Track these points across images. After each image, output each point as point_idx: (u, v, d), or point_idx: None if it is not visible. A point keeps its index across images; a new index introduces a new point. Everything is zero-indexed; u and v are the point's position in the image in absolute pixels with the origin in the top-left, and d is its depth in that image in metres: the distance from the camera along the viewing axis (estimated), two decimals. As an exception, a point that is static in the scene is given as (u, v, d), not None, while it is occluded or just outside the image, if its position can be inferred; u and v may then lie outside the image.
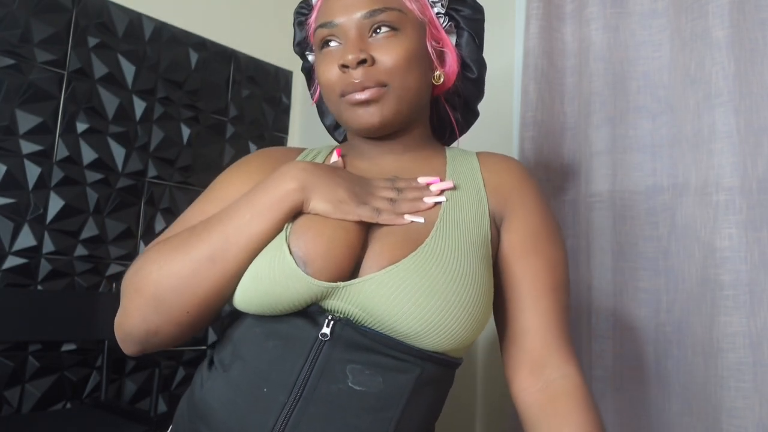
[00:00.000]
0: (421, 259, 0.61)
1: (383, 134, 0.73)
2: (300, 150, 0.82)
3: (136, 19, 2.05)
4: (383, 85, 0.68)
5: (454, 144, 0.88)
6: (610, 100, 1.39)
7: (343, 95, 0.70)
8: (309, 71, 0.87)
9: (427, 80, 0.74)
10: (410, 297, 0.58)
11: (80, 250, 1.86)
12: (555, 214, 0.80)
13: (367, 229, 0.65)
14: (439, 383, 0.65)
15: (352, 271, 0.63)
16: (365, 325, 0.61)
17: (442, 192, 0.69)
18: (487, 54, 0.85)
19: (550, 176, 1.52)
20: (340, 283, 0.60)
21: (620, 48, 1.40)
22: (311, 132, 2.46)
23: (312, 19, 0.77)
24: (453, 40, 0.78)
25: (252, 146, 2.37)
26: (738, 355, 1.12)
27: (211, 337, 2.18)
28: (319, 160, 0.78)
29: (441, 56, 0.76)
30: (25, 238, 1.76)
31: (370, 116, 0.69)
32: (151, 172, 2.05)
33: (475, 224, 0.68)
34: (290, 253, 0.61)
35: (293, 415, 0.58)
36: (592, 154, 1.41)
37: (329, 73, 0.70)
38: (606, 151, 1.39)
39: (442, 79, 0.76)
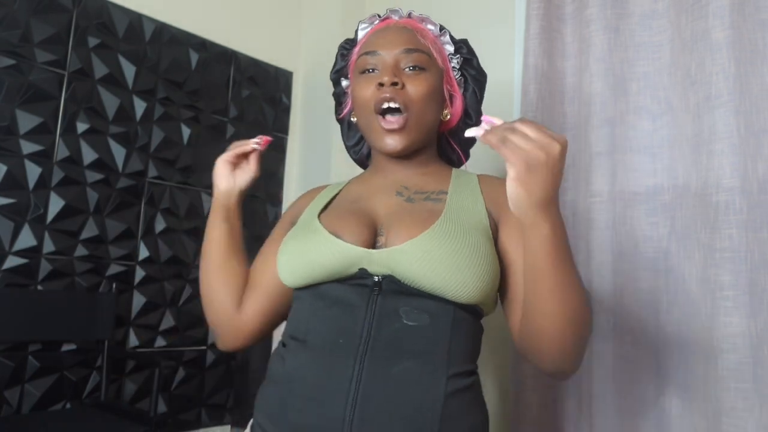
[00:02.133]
0: (436, 233, 0.76)
1: (403, 155, 0.90)
2: (323, 187, 1.04)
3: (136, 19, 2.05)
4: (406, 109, 0.85)
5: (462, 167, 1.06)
6: (611, 100, 1.40)
7: (375, 111, 0.86)
8: (339, 96, 1.05)
9: (438, 115, 0.92)
10: (428, 262, 0.74)
11: (80, 250, 1.86)
12: None
13: (373, 215, 0.84)
14: (472, 324, 0.80)
15: (373, 244, 0.80)
16: (402, 281, 0.76)
17: None
18: (487, 54, 0.93)
19: (550, 177, 1.52)
20: (373, 251, 0.77)
21: (620, 49, 1.41)
22: (311, 132, 2.46)
23: (355, 51, 0.96)
24: (461, 90, 0.96)
25: (252, 146, 2.37)
26: (738, 356, 1.12)
27: (211, 337, 2.18)
28: (333, 192, 0.97)
29: (451, 100, 0.95)
30: (26, 238, 1.76)
31: (396, 143, 0.87)
32: (152, 172, 2.05)
33: (475, 214, 0.83)
34: (323, 228, 0.81)
35: (367, 354, 0.73)
36: (592, 154, 1.41)
37: (366, 91, 0.87)
38: (606, 152, 1.39)
39: (448, 118, 0.95)
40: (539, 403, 1.42)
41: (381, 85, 0.85)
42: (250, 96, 2.38)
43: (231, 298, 0.94)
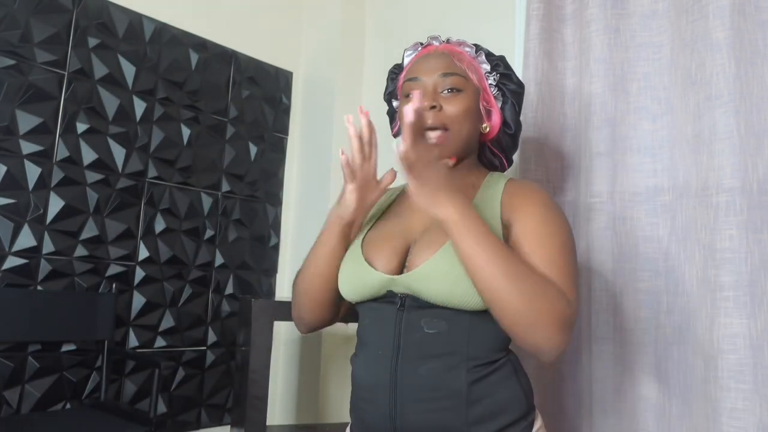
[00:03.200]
0: (446, 252, 0.86)
1: None
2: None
3: (136, 19, 2.05)
4: (446, 128, 0.96)
5: (507, 171, 1.16)
6: (611, 101, 1.40)
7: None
8: (392, 114, 1.16)
9: (477, 130, 1.02)
10: (437, 282, 0.85)
11: (80, 251, 1.86)
12: (561, 218, 0.92)
13: (409, 236, 0.95)
14: (493, 323, 0.85)
15: (403, 265, 0.93)
16: (420, 298, 0.88)
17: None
18: None
19: (550, 177, 1.52)
20: (396, 277, 0.90)
21: (620, 49, 1.41)
22: (311, 132, 2.46)
23: (402, 76, 1.07)
24: (499, 104, 1.05)
25: (252, 147, 2.37)
26: (738, 357, 1.12)
27: (211, 337, 2.18)
28: (390, 199, 1.09)
29: (489, 114, 1.04)
30: (25, 239, 1.76)
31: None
32: (151, 172, 2.05)
33: (489, 224, 0.90)
34: (363, 256, 0.95)
35: (398, 361, 0.88)
36: (592, 155, 1.41)
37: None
38: (606, 153, 1.39)
39: (488, 130, 1.04)
40: (539, 402, 1.42)
41: None
42: (250, 96, 2.38)
43: (330, 306, 1.04)
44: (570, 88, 1.53)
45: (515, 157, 1.64)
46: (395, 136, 1.16)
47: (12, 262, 1.73)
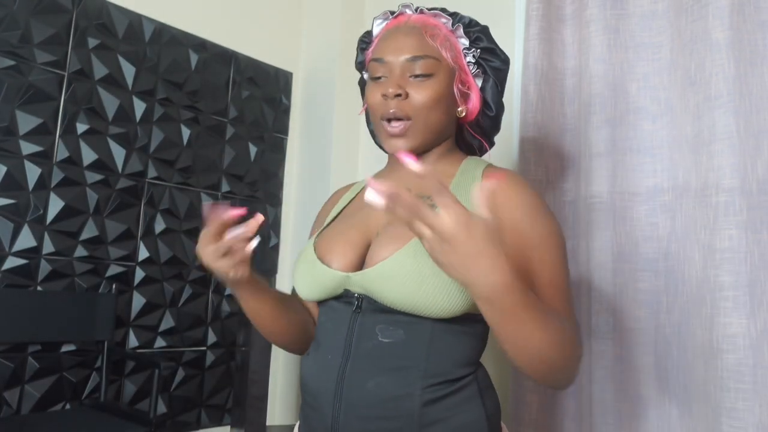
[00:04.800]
0: (407, 252, 0.77)
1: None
2: (349, 186, 1.05)
3: (136, 20, 2.05)
4: (409, 118, 0.86)
5: (485, 156, 1.04)
6: (610, 101, 1.40)
7: (381, 118, 0.88)
8: (362, 86, 1.05)
9: (450, 115, 0.91)
10: (396, 284, 0.76)
11: (80, 251, 1.86)
12: (550, 218, 0.83)
13: (369, 230, 0.86)
14: (462, 333, 0.80)
15: (361, 264, 0.83)
16: (377, 301, 0.79)
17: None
18: None
19: (550, 177, 1.52)
20: (352, 274, 0.81)
21: (620, 49, 1.41)
22: (311, 133, 2.46)
23: (370, 50, 0.96)
24: (479, 82, 0.94)
25: (252, 147, 2.37)
26: (738, 357, 1.12)
27: (211, 338, 2.18)
28: (352, 195, 1.00)
29: (466, 97, 0.93)
30: (25, 239, 1.76)
31: (399, 146, 0.88)
32: (151, 173, 2.05)
33: None
34: (315, 254, 0.86)
35: (347, 370, 0.78)
36: (592, 155, 1.41)
37: (374, 98, 0.88)
38: (606, 153, 1.39)
39: (464, 114, 0.93)
40: (539, 403, 1.42)
41: (385, 96, 0.86)
42: (250, 97, 2.38)
43: (302, 338, 0.98)
44: (570, 88, 1.53)
45: (515, 157, 1.64)
46: (365, 114, 1.04)
47: (12, 262, 1.73)
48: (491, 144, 1.02)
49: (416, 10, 0.93)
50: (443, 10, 0.94)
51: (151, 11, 2.10)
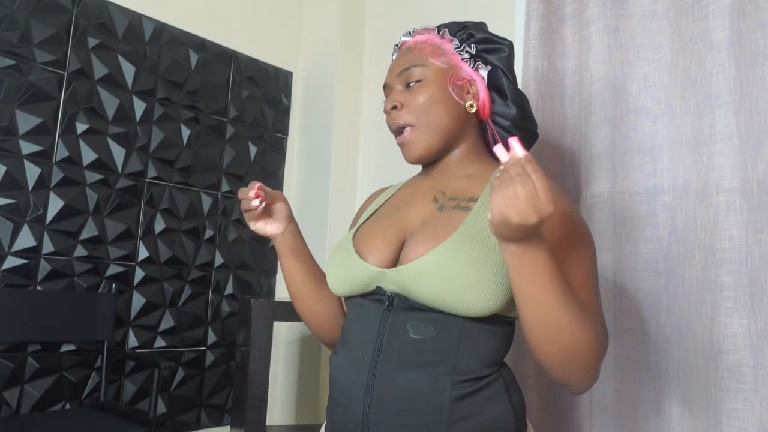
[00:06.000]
0: (444, 251, 0.79)
1: (426, 162, 0.96)
2: (385, 188, 1.10)
3: (136, 19, 2.05)
4: (410, 125, 0.91)
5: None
6: (611, 101, 1.40)
7: (393, 134, 0.96)
8: None
9: (456, 113, 0.92)
10: (430, 282, 0.78)
11: (80, 251, 1.86)
12: (582, 224, 0.85)
13: (405, 228, 0.89)
14: (490, 332, 0.82)
15: (396, 261, 0.86)
16: (410, 298, 0.82)
17: None
18: None
19: (550, 177, 1.52)
20: (387, 270, 0.84)
21: (620, 49, 1.41)
22: (311, 133, 2.46)
23: None
24: (484, 73, 0.95)
25: (252, 147, 2.37)
26: (738, 357, 1.12)
27: (211, 338, 2.18)
28: (388, 195, 1.04)
29: (466, 91, 0.94)
30: (25, 239, 1.76)
31: (406, 155, 0.94)
32: (151, 172, 2.05)
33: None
34: (353, 248, 0.90)
35: (378, 366, 0.81)
36: (592, 155, 1.41)
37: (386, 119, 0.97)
38: (606, 153, 1.39)
39: (474, 108, 0.93)
40: (539, 403, 1.42)
41: (386, 112, 0.95)
42: (250, 96, 2.38)
43: (335, 323, 1.02)
44: (570, 88, 1.53)
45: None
46: None
47: (12, 262, 1.73)
48: (531, 132, 1.01)
49: (411, 33, 1.00)
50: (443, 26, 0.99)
51: (151, 11, 2.10)
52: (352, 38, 2.43)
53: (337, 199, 2.31)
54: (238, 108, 2.34)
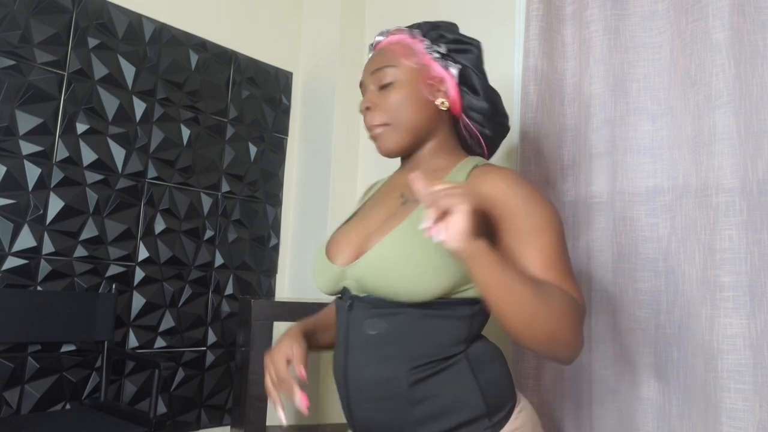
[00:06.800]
0: (384, 244, 0.85)
1: (399, 156, 1.00)
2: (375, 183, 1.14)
3: (136, 20, 2.05)
4: (386, 123, 0.95)
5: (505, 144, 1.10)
6: (610, 101, 1.40)
7: (366, 129, 1.00)
8: None
9: (428, 111, 0.97)
10: (376, 272, 0.85)
11: (80, 251, 1.86)
12: (543, 205, 0.85)
13: (367, 228, 0.94)
14: (444, 316, 0.86)
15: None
16: (366, 293, 0.88)
17: None
18: (487, 55, 0.91)
19: (550, 177, 1.52)
20: (346, 267, 0.90)
21: (620, 50, 1.41)
22: (311, 133, 2.46)
23: None
24: (455, 71, 0.98)
25: (252, 147, 2.37)
26: (738, 357, 1.12)
27: (211, 338, 2.18)
28: (373, 191, 1.09)
29: (436, 89, 0.98)
30: (25, 239, 1.76)
31: (379, 149, 0.98)
32: (151, 173, 2.05)
33: None
34: (324, 251, 0.97)
35: (348, 360, 0.90)
36: (592, 155, 1.41)
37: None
38: (606, 153, 1.39)
39: (446, 105, 0.98)
40: (539, 403, 1.42)
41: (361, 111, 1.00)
42: (250, 97, 2.38)
43: None
44: (570, 88, 1.53)
45: (515, 157, 1.64)
46: None
47: (12, 262, 1.73)
48: (490, 145, 1.05)
49: (384, 33, 1.03)
50: (416, 25, 1.02)
51: (151, 11, 2.10)
52: (352, 38, 2.43)
53: (337, 199, 2.31)
54: (238, 108, 2.34)
